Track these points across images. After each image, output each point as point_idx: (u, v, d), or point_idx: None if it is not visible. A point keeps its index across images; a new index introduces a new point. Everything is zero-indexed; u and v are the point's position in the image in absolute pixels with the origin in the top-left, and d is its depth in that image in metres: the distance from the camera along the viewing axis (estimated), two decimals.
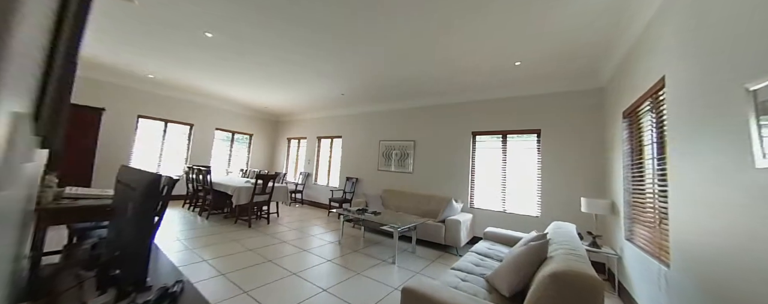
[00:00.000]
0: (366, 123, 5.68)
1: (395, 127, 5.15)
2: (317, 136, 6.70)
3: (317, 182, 6.54)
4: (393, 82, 4.01)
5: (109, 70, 4.53)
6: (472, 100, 4.24)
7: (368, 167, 5.43)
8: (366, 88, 4.43)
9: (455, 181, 4.22)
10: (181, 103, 5.95)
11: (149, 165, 5.59)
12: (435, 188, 4.43)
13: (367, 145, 5.54)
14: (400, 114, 5.13)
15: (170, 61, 3.92)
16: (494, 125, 3.99)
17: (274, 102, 6.02)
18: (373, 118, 5.55)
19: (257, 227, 4.01)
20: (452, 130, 4.39)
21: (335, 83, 4.30)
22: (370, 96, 4.90)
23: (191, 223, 3.94)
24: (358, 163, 5.66)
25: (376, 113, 5.52)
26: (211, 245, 3.03)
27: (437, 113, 4.62)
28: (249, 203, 3.99)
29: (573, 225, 2.25)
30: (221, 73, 4.29)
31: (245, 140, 7.43)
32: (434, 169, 4.50)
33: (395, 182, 4.95)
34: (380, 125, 5.40)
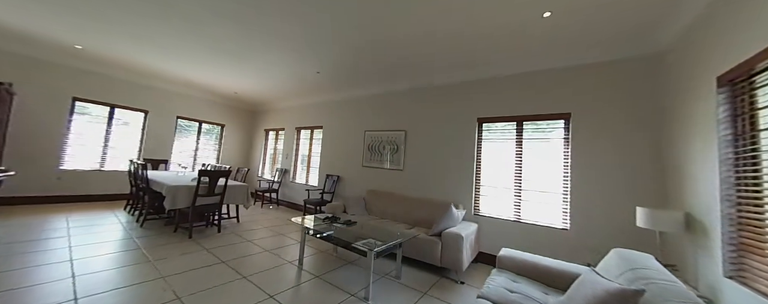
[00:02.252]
0: (349, 110, 4.76)
1: (383, 115, 4.24)
2: (296, 126, 5.79)
3: (295, 179, 5.64)
4: (379, 54, 3.09)
5: (26, 41, 3.58)
6: (480, 78, 3.33)
7: (351, 163, 4.54)
8: (345, 64, 3.51)
9: (455, 180, 3.33)
10: (131, 87, 5.01)
11: (91, 157, 4.67)
12: (430, 188, 3.54)
13: (351, 137, 4.63)
14: (388, 98, 4.22)
15: (88, 22, 2.99)
16: (507, 109, 3.09)
17: (240, 85, 5.08)
18: (358, 105, 4.64)
19: (203, 237, 3.12)
20: (452, 117, 3.49)
21: (305, 56, 3.38)
22: (352, 76, 3.98)
23: (117, 231, 3.04)
24: (339, 158, 4.76)
25: (361, 99, 4.60)
26: (111, 270, 2.13)
27: (434, 96, 3.71)
28: (191, 207, 3.10)
29: (650, 257, 1.38)
30: (150, 39, 3.35)
31: (216, 132, 6.50)
32: (429, 165, 3.61)
33: (383, 180, 4.06)
34: (366, 113, 4.49)
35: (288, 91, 5.24)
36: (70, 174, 4.42)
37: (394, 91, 4.14)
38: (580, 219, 2.54)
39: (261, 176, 6.52)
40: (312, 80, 4.33)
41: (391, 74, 3.75)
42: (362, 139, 4.42)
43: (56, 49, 3.89)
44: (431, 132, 3.65)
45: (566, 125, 2.76)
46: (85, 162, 4.63)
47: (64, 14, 2.95)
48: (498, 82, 3.20)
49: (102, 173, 4.73)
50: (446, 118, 3.54)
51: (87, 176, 4.58)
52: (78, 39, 3.56)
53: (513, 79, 3.10)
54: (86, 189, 4.55)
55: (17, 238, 2.63)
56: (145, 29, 3.05)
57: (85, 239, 2.76)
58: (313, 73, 4.03)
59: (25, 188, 4.01)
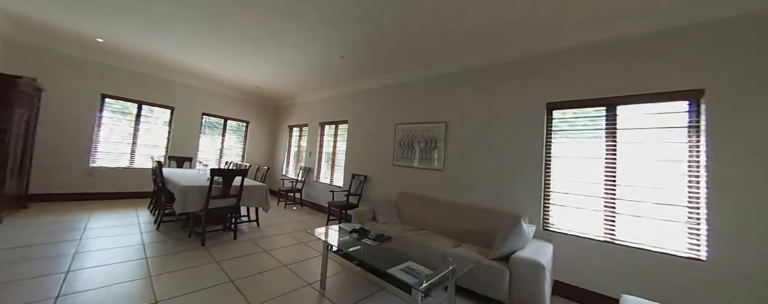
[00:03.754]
0: (377, 102, 4.20)
1: (418, 105, 3.61)
2: (320, 122, 5.38)
3: (319, 179, 5.24)
4: (412, 31, 2.48)
5: (42, 32, 3.52)
6: (552, 51, 2.55)
7: (380, 162, 3.98)
8: (372, 45, 2.94)
9: (514, 184, 2.61)
10: (157, 82, 4.94)
11: (121, 154, 4.65)
12: (479, 193, 2.85)
13: (379, 132, 4.07)
14: (424, 85, 3.57)
15: (108, 14, 2.76)
16: (592, 89, 2.30)
17: (262, 76, 4.76)
18: (388, 95, 4.06)
19: (216, 244, 2.77)
20: (510, 104, 2.76)
21: (328, 38, 2.87)
22: (380, 60, 3.40)
23: (131, 235, 2.80)
24: (366, 155, 4.23)
25: (391, 87, 4.01)
26: (100, 288, 1.78)
27: (484, 78, 3.00)
28: (203, 210, 2.75)
29: None
30: (175, 34, 3.06)
31: (241, 129, 6.35)
32: (477, 164, 2.92)
33: (417, 182, 3.44)
34: (396, 103, 3.90)
35: (311, 81, 4.83)
36: (100, 171, 4.41)
37: (431, 76, 3.49)
38: (726, 245, 1.72)
39: (285, 175, 6.24)
40: (336, 67, 3.84)
41: (427, 55, 3.11)
42: (392, 135, 3.83)
43: (80, 43, 3.82)
44: (480, 124, 2.95)
45: (694, 107, 1.92)
46: (115, 160, 4.62)
47: (85, 6, 2.76)
48: (577, 53, 2.41)
49: (131, 171, 4.70)
50: (501, 106, 2.82)
51: (116, 174, 4.55)
52: (99, 32, 3.42)
53: (600, 48, 2.30)
54: (116, 186, 4.53)
55: (28, 241, 2.45)
56: (166, 18, 2.74)
57: (95, 244, 2.51)
58: (336, 59, 3.52)
59: (58, 186, 4.03)
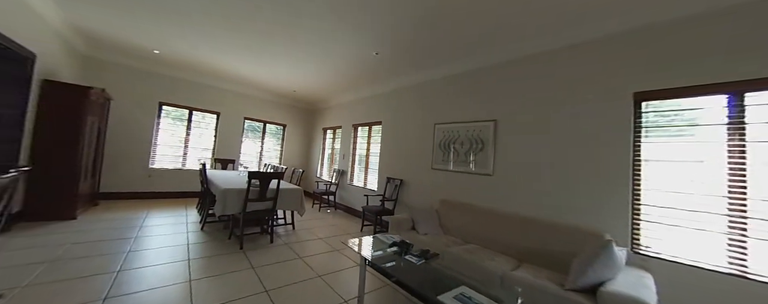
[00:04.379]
0: (414, 100, 3.92)
1: (461, 102, 3.25)
2: (353, 123, 5.27)
3: (352, 181, 5.12)
4: (455, 14, 2.16)
5: (112, 48, 3.92)
6: (644, 25, 2.04)
7: (417, 165, 3.69)
8: (408, 38, 2.69)
9: (589, 194, 2.13)
10: (205, 89, 5.28)
11: (175, 156, 5.05)
12: (541, 203, 2.41)
13: (416, 133, 3.79)
14: (469, 79, 3.21)
15: (167, 28, 2.94)
16: (705, 72, 1.76)
17: (298, 79, 4.81)
18: (426, 92, 3.76)
19: (254, 247, 2.74)
20: (581, 95, 2.28)
21: (362, 32, 2.69)
22: (417, 53, 3.13)
23: (177, 234, 2.91)
24: (402, 158, 3.97)
25: (429, 84, 3.70)
26: (144, 291, 1.79)
27: (546, 66, 2.55)
28: (241, 213, 2.74)
29: None
30: (224, 43, 3.16)
31: (279, 132, 6.56)
32: (537, 169, 2.47)
33: (461, 188, 3.08)
34: (436, 101, 3.58)
35: (344, 82, 4.74)
36: (158, 172, 4.81)
37: (477, 68, 3.11)
38: None
39: (319, 177, 6.27)
40: (371, 64, 3.66)
41: (473, 42, 2.76)
42: (431, 135, 3.52)
43: (140, 55, 4.20)
44: (541, 121, 2.50)
45: None
46: (170, 161, 5.02)
47: (144, 22, 2.99)
48: (683, 25, 1.88)
49: (183, 172, 5.06)
50: (568, 98, 2.35)
51: (171, 175, 4.93)
52: (155, 44, 3.70)
53: (717, 16, 1.75)
54: (171, 186, 4.90)
55: (93, 237, 2.66)
56: (210, 28, 2.83)
57: (146, 243, 2.63)
58: (371, 55, 3.34)
59: (123, 185, 4.46)
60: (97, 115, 3.60)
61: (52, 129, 2.98)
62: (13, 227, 2.65)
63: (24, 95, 2.63)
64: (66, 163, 3.06)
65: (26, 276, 1.81)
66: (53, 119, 2.97)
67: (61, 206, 3.05)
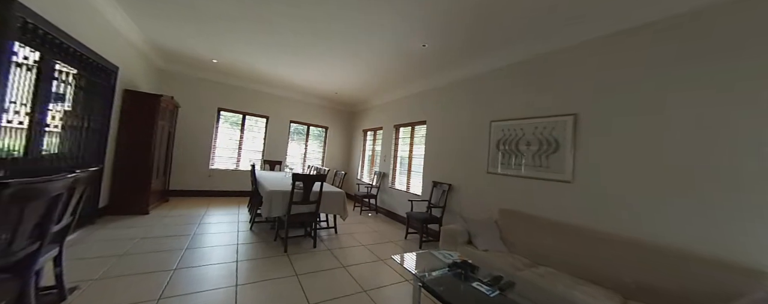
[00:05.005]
0: (465, 95, 3.52)
1: (526, 93, 2.76)
2: (394, 124, 5.04)
3: (394, 185, 4.87)
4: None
5: (177, 60, 4.33)
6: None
7: (469, 168, 3.27)
8: (463, 23, 2.34)
9: (739, 211, 1.52)
10: (256, 95, 5.60)
11: (230, 158, 5.43)
12: (648, 220, 1.82)
13: (467, 132, 3.38)
14: (535, 66, 2.71)
15: (221, 37, 3.11)
16: None
17: (341, 79, 4.76)
18: (479, 85, 3.33)
19: (298, 251, 2.66)
20: (719, 76, 1.67)
21: (409, 22, 2.43)
22: (473, 42, 2.75)
23: (228, 234, 3.00)
24: (450, 160, 3.58)
25: (484, 76, 3.27)
26: (192, 293, 1.76)
27: (652, 40, 1.96)
28: (286, 216, 2.69)
29: None
30: (270, 47, 3.22)
31: (322, 135, 6.68)
32: (645, 175, 1.89)
33: (527, 196, 2.58)
34: (492, 95, 3.13)
35: (387, 79, 4.54)
36: (217, 172, 5.21)
37: (551, 51, 2.59)
38: None
39: (360, 180, 6.18)
40: (416, 58, 3.38)
41: (542, 20, 2.28)
42: (486, 135, 3.08)
43: (202, 65, 4.57)
44: (651, 108, 1.91)
45: None
46: (227, 163, 5.41)
47: (204, 34, 3.20)
48: None
49: (237, 172, 5.41)
50: (703, 75, 1.74)
51: (227, 175, 5.31)
52: (214, 54, 3.98)
53: None
54: (227, 185, 5.27)
55: (158, 232, 2.86)
56: (260, 36, 2.88)
57: (202, 241, 2.73)
58: (418, 48, 3.06)
59: (189, 183, 4.91)
60: (167, 120, 3.99)
61: (130, 133, 3.34)
62: (98, 219, 3.01)
63: (109, 103, 2.97)
64: (141, 163, 3.41)
65: (99, 269, 1.94)
66: (131, 124, 3.34)
67: (137, 202, 3.39)
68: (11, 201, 0.96)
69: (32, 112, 1.98)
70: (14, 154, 1.88)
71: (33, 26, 1.78)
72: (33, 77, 1.96)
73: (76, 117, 2.54)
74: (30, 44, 1.80)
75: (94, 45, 2.54)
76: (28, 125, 1.95)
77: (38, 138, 2.07)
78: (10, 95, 1.73)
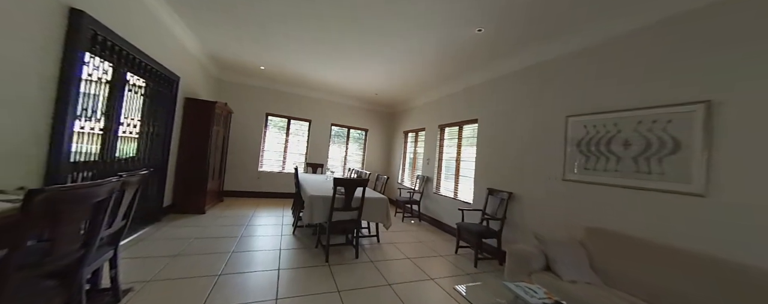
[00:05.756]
0: (528, 87, 2.98)
1: (618, 81, 2.15)
2: (439, 124, 4.64)
3: (439, 190, 4.46)
4: None
5: (229, 67, 4.60)
6: None
7: (536, 173, 2.72)
8: None
9: None
10: (300, 99, 5.74)
11: (276, 161, 5.65)
12: None
13: (533, 130, 2.83)
14: (637, 42, 2.09)
15: (269, 42, 3.18)
16: None
17: (381, 79, 4.56)
18: (547, 75, 2.76)
19: (339, 261, 2.48)
20: None
21: (462, 3, 2.07)
22: (541, 20, 2.26)
23: (272, 238, 2.97)
24: (509, 164, 3.06)
25: (554, 63, 2.70)
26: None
27: None
28: (327, 223, 2.53)
29: None
30: (315, 50, 3.17)
31: (361, 137, 6.59)
32: None
33: (626, 213, 1.97)
34: (567, 84, 2.55)
35: (433, 75, 4.19)
36: (264, 175, 5.44)
37: (662, 18, 1.98)
38: None
39: (401, 184, 5.89)
40: (469, 48, 2.97)
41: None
42: (560, 133, 2.51)
43: (251, 72, 4.81)
44: None
45: None
46: (273, 165, 5.63)
47: (250, 45, 3.31)
48: None
49: (282, 174, 5.59)
50: None
51: (274, 177, 5.51)
52: (261, 61, 4.12)
53: None
54: (274, 187, 5.47)
55: (210, 232, 2.96)
56: (304, 42, 2.84)
57: (247, 244, 2.73)
58: (471, 35, 2.66)
59: (241, 185, 5.20)
60: (222, 125, 4.24)
61: (189, 137, 3.59)
62: (163, 217, 3.25)
63: (172, 110, 3.20)
64: (198, 166, 3.64)
65: (153, 270, 1.99)
66: (190, 129, 3.58)
67: (195, 202, 3.62)
68: (46, 207, 0.89)
69: (108, 120, 2.15)
70: (96, 158, 2.04)
71: (102, 38, 1.90)
72: (107, 88, 2.12)
73: (145, 124, 2.77)
74: (100, 55, 1.93)
75: (158, 56, 2.74)
76: (103, 132, 2.12)
77: (114, 143, 2.25)
78: (102, 107, 1.89)
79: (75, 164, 1.82)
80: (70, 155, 1.75)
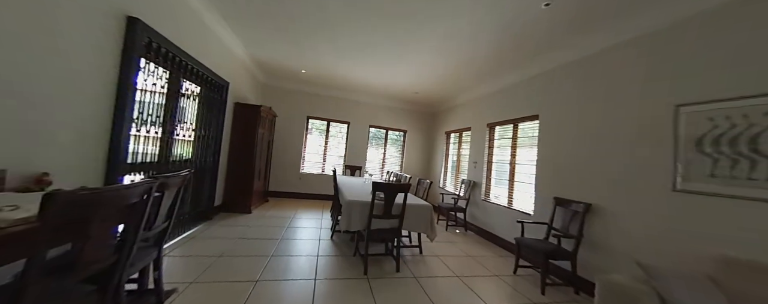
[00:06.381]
0: (612, 72, 2.37)
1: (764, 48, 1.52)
2: (488, 122, 4.14)
3: (489, 197, 3.95)
4: None
5: (273, 73, 4.77)
6: None
7: (627, 181, 2.12)
8: None
9: None
10: (338, 102, 5.75)
11: (317, 163, 5.73)
12: None
13: (618, 126, 2.23)
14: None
15: (316, 41, 3.19)
16: None
17: (422, 76, 4.26)
18: (647, 52, 2.15)
19: (378, 275, 2.24)
20: None
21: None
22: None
23: (310, 243, 2.89)
24: (584, 168, 2.47)
25: (654, 37, 2.08)
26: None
27: None
28: (366, 231, 2.32)
29: None
30: (357, 49, 3.06)
31: (399, 139, 6.34)
32: None
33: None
34: (678, 63, 1.93)
35: (483, 67, 3.75)
36: (306, 176, 5.55)
37: None
38: None
39: (443, 188, 5.46)
40: (533, 28, 2.49)
41: None
42: (668, 128, 1.89)
43: (293, 77, 4.93)
44: None
45: None
46: (314, 167, 5.72)
47: (293, 50, 3.35)
48: None
49: (322, 176, 5.64)
50: None
51: (314, 178, 5.59)
52: (302, 64, 4.19)
53: None
54: (314, 189, 5.54)
55: (253, 233, 2.99)
56: (342, 43, 2.73)
57: (286, 248, 2.67)
58: (536, 12, 2.20)
59: (284, 186, 5.37)
60: (267, 128, 4.40)
61: (237, 140, 3.76)
62: (214, 216, 3.43)
63: (222, 114, 3.38)
64: (245, 167, 3.79)
65: (198, 271, 2.00)
66: (237, 132, 3.76)
67: (242, 202, 3.77)
68: (67, 212, 0.82)
69: (165, 123, 2.28)
70: (155, 158, 2.17)
71: (157, 45, 1.99)
72: (164, 93, 2.25)
73: (199, 127, 2.93)
74: (154, 61, 2.03)
75: (209, 62, 2.88)
76: (160, 135, 2.25)
77: (171, 146, 2.39)
78: (158, 111, 2.01)
79: (132, 164, 1.92)
80: (127, 155, 1.85)
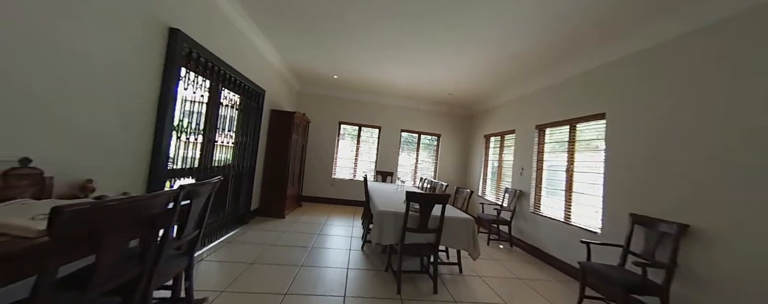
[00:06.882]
0: (718, 55, 1.85)
1: None
2: (536, 124, 3.66)
3: (539, 209, 3.45)
4: None
5: (306, 80, 4.86)
6: None
7: (747, 195, 1.59)
8: None
9: None
10: (369, 106, 5.68)
11: (348, 168, 5.70)
12: None
13: (731, 123, 1.71)
14: None
15: (347, 45, 3.16)
16: None
17: (458, 74, 3.96)
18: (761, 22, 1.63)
19: (414, 296, 2.01)
20: None
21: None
22: None
23: (339, 252, 2.77)
24: (677, 180, 1.95)
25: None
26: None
27: None
28: (399, 245, 2.10)
29: None
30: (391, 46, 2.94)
31: (433, 144, 6.03)
32: None
33: None
34: None
35: (530, 60, 3.34)
36: (337, 182, 5.54)
37: None
38: None
39: (482, 197, 5.00)
40: (594, 9, 2.09)
41: None
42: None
43: (325, 82, 4.98)
44: None
45: None
46: (345, 173, 5.70)
47: (324, 56, 3.37)
48: None
49: (353, 181, 5.57)
50: None
51: (346, 184, 5.55)
52: (334, 70, 4.19)
53: None
54: (345, 194, 5.50)
55: (285, 240, 2.97)
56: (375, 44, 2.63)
57: (317, 257, 2.58)
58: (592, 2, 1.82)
59: (317, 191, 5.42)
60: (301, 134, 4.48)
61: (273, 146, 3.85)
62: (250, 220, 3.52)
63: (259, 121, 3.48)
64: (280, 172, 3.85)
65: (229, 279, 1.98)
66: (273, 138, 3.85)
67: (277, 207, 3.83)
68: (78, 225, 0.76)
69: (206, 131, 2.36)
70: (196, 163, 2.26)
71: (197, 55, 2.06)
72: (204, 102, 2.34)
73: (238, 134, 3.04)
74: (194, 70, 2.10)
75: (246, 70, 2.97)
76: (201, 142, 2.33)
77: (212, 152, 2.48)
78: (199, 118, 2.10)
79: (172, 170, 1.98)
80: (168, 162, 1.91)
